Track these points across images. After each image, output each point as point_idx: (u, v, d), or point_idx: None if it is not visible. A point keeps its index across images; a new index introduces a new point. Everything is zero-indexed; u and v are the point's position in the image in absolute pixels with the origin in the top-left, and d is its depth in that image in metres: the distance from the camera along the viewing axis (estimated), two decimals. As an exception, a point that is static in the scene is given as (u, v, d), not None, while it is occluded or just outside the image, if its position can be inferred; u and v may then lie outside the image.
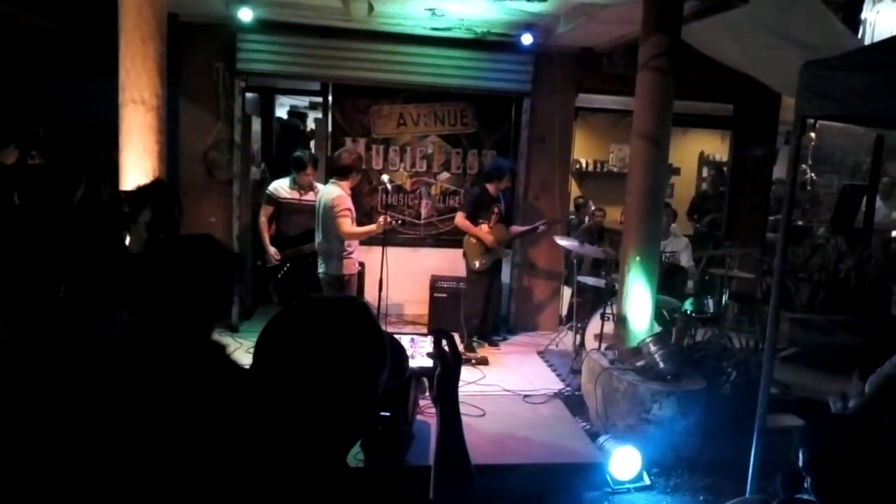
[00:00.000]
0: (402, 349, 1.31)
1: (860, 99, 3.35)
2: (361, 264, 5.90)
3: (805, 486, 2.01)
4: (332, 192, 5.34)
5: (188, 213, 6.50)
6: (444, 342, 1.42)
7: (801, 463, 2.01)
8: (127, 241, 2.75)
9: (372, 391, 1.13)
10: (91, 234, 2.23)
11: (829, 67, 3.52)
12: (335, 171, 5.48)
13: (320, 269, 5.52)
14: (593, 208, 8.78)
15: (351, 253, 5.48)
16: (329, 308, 1.15)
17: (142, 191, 2.99)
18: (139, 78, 4.18)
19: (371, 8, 5.76)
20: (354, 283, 5.62)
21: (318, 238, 5.50)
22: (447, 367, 1.42)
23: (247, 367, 1.34)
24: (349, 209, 5.34)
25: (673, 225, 7.43)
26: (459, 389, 1.49)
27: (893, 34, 6.68)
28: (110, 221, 2.75)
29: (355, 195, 5.56)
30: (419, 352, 1.87)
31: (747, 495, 3.48)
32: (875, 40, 6.62)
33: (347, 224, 5.30)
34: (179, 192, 6.16)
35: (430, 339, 1.42)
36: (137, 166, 4.26)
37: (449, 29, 6.39)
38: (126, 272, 1.71)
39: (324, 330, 1.11)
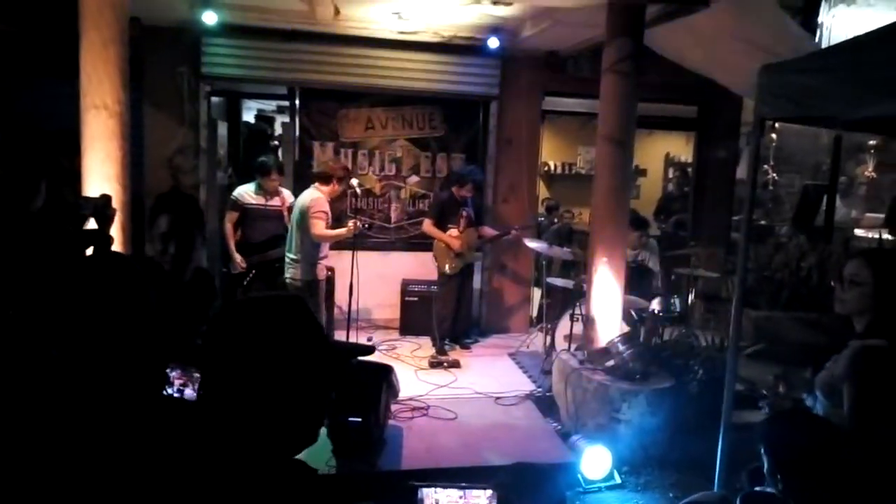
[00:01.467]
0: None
1: (817, 101, 3.42)
2: (331, 269, 5.87)
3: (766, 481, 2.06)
4: (311, 195, 5.45)
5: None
6: None
7: (765, 467, 2.05)
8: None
9: (312, 385, 1.15)
10: (49, 245, 2.17)
11: (786, 70, 3.59)
12: (317, 177, 5.63)
13: (288, 275, 5.50)
14: (563, 210, 8.86)
15: (323, 258, 5.50)
16: (267, 304, 1.20)
17: (158, 199, 2.93)
18: (101, 83, 4.11)
19: (337, 11, 5.75)
20: (323, 288, 5.60)
21: (291, 242, 5.50)
22: None
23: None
24: (324, 212, 5.42)
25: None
26: (431, 393, 1.50)
27: (849, 37, 6.88)
28: (70, 231, 2.67)
29: (325, 199, 5.61)
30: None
31: (713, 490, 3.54)
32: (832, 43, 6.80)
33: (320, 226, 5.36)
34: (144, 197, 6.11)
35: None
36: (100, 173, 4.18)
37: (416, 32, 6.40)
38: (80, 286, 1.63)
39: (262, 325, 1.14)
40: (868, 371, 2.43)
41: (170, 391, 2.15)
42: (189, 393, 2.19)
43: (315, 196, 5.44)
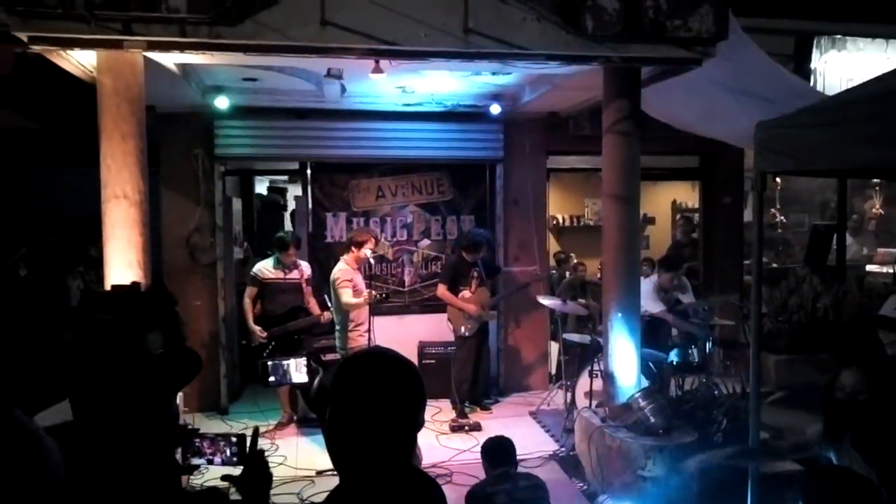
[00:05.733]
0: None
1: (814, 155, 3.53)
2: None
3: None
4: (337, 267, 5.74)
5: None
6: None
7: None
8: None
9: (416, 422, 1.56)
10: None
11: (782, 126, 3.71)
12: (344, 248, 5.95)
13: (337, 344, 5.79)
14: (575, 261, 8.92)
15: (359, 325, 5.61)
16: (389, 361, 1.58)
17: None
18: (120, 174, 4.28)
19: (344, 89, 5.97)
20: None
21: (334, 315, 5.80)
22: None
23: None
24: (349, 280, 5.63)
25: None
26: (454, 458, 1.73)
27: (842, 83, 7.04)
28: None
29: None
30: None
31: None
32: (825, 88, 6.96)
33: (346, 294, 5.58)
34: (162, 276, 6.26)
35: None
36: (122, 259, 4.32)
37: (420, 104, 6.61)
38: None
39: (386, 377, 1.54)
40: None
41: (201, 461, 2.22)
42: (218, 461, 2.25)
43: (340, 268, 5.69)
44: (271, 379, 2.88)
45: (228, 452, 2.17)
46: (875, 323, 3.61)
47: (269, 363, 2.88)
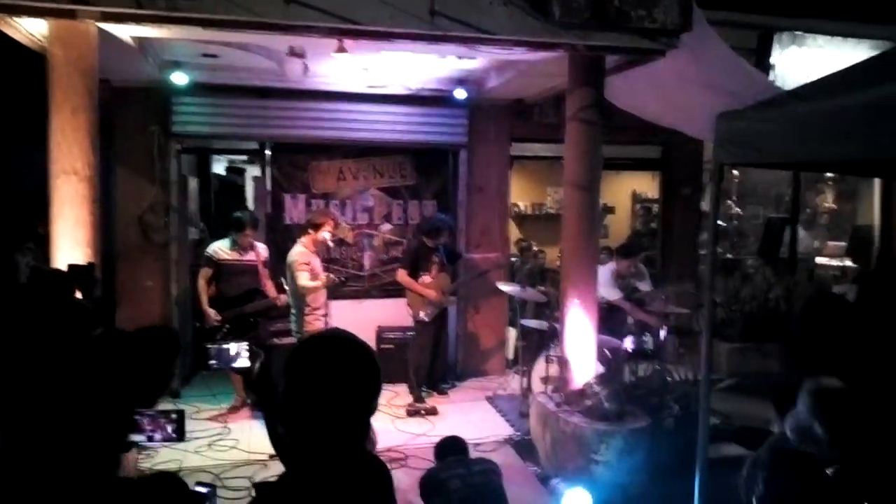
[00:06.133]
0: None
1: (774, 147, 3.57)
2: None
3: None
4: (293, 250, 5.59)
5: (123, 279, 6.40)
6: None
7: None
8: None
9: (370, 407, 1.58)
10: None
11: (742, 118, 3.75)
12: (302, 230, 5.81)
13: (292, 328, 5.65)
14: (536, 250, 8.98)
15: (316, 310, 5.53)
16: (346, 344, 1.57)
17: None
18: (70, 149, 4.12)
19: (306, 68, 5.85)
20: None
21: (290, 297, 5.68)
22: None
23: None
24: (306, 263, 5.50)
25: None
26: (409, 442, 1.71)
27: (800, 79, 7.15)
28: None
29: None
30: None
31: None
32: (784, 82, 7.08)
33: (303, 278, 5.45)
34: (113, 257, 6.08)
35: None
36: (71, 237, 4.18)
37: (384, 86, 6.53)
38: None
39: (342, 360, 1.54)
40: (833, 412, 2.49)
41: (141, 438, 2.18)
42: (158, 437, 2.21)
43: (297, 250, 5.56)
44: (212, 362, 2.82)
45: (169, 429, 2.13)
46: None
47: (210, 347, 2.82)
